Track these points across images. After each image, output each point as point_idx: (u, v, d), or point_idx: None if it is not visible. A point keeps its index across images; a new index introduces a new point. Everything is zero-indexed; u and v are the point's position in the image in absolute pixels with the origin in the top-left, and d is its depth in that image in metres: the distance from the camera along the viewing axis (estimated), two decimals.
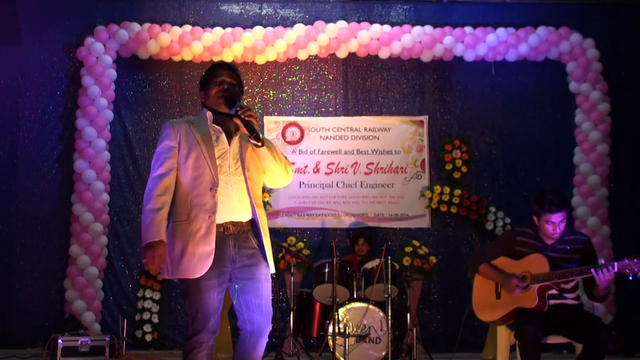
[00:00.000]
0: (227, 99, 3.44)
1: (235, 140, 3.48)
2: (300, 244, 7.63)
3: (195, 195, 3.35)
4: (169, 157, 3.39)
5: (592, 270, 4.11)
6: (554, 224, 4.37)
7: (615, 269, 4.05)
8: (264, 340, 3.43)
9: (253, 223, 3.46)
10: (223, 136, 3.46)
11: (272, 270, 3.49)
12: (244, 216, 3.43)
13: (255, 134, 3.35)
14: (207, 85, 3.54)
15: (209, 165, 3.36)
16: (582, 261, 4.34)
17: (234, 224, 3.40)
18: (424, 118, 8.07)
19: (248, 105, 3.42)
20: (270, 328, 3.44)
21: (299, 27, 7.82)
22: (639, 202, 7.76)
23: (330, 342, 5.96)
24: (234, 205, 3.39)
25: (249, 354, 3.41)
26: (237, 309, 3.44)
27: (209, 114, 3.50)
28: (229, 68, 3.58)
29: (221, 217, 3.36)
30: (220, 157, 3.41)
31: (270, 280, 3.48)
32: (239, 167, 3.44)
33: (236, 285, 3.41)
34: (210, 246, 3.30)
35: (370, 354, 6.08)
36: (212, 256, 3.29)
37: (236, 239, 3.40)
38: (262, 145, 3.40)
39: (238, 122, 3.36)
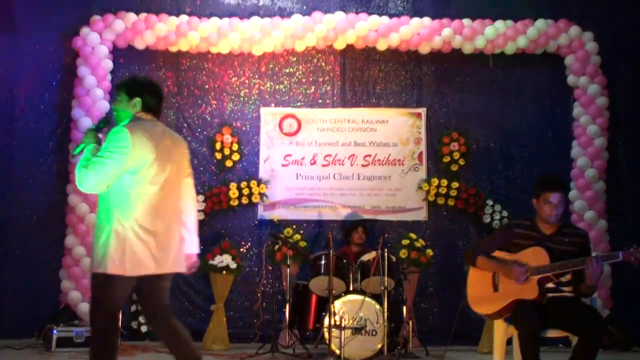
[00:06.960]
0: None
1: None
2: (297, 236, 7.59)
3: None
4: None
5: (592, 259, 4.08)
6: (552, 205, 4.35)
7: (620, 258, 4.05)
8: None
9: None
10: None
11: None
12: None
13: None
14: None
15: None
16: (577, 254, 4.30)
17: None
18: (422, 110, 8.04)
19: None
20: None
21: (297, 18, 7.77)
22: (636, 196, 7.76)
23: (326, 334, 5.95)
24: None
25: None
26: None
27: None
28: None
29: None
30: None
31: None
32: None
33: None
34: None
35: (366, 346, 6.06)
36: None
37: None
38: None
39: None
